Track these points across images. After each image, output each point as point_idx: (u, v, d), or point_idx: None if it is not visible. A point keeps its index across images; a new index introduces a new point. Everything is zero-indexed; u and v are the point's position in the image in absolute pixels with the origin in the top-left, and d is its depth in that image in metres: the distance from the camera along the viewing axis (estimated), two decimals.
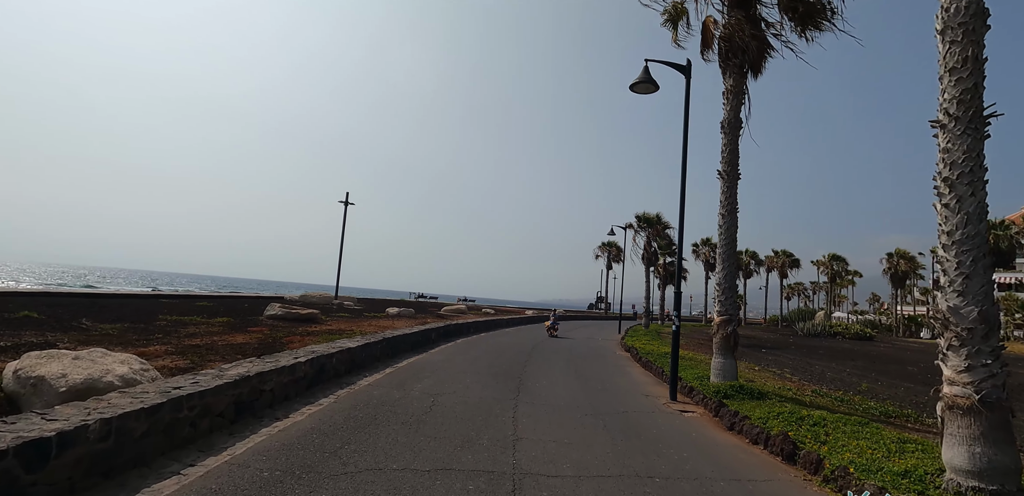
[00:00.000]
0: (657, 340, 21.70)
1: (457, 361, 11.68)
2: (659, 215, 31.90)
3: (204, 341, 10.58)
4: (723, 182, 10.31)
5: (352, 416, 6.09)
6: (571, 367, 12.25)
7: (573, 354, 15.28)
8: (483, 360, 12.17)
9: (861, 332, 41.48)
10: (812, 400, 9.43)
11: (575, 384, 9.75)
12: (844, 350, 27.70)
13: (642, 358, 14.26)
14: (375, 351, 10.32)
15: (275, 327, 14.23)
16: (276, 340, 11.46)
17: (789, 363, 18.20)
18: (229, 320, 15.02)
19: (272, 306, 17.19)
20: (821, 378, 15.10)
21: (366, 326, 16.54)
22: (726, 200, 10.24)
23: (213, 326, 13.33)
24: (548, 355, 14.48)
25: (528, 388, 8.89)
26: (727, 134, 10.32)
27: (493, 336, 20.29)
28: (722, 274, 10.17)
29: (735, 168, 10.30)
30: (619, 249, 60.49)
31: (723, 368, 9.77)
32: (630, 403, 8.29)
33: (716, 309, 10.14)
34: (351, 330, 14.76)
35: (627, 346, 18.29)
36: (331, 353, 8.05)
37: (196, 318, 14.62)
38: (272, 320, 16.21)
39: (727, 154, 10.30)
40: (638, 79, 9.40)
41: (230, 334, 12.08)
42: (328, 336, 12.53)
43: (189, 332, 11.91)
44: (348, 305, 27.52)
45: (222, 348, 9.74)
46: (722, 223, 10.23)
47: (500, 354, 13.71)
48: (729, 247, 10.17)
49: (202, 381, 5.06)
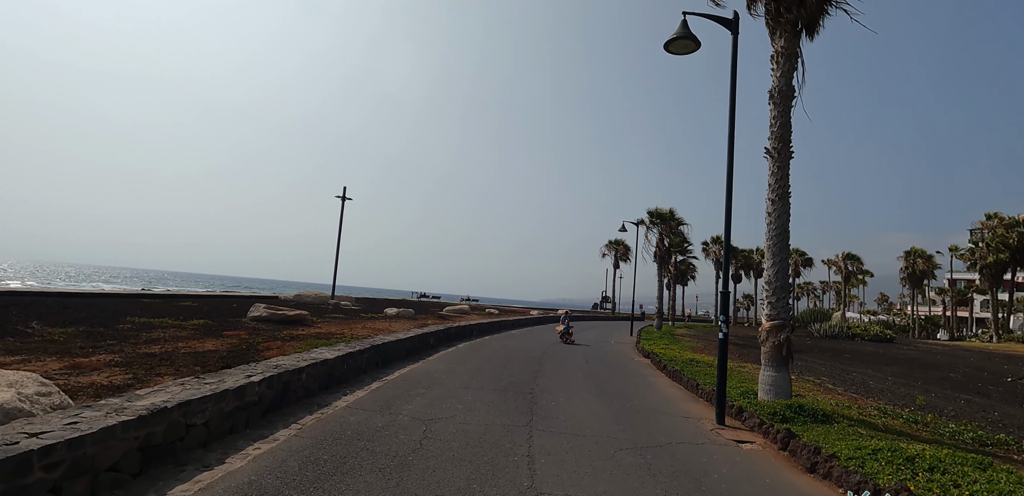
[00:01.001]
0: (675, 343, 20.07)
1: (458, 372, 10.10)
2: (672, 210, 30.21)
3: (164, 348, 9.09)
4: (772, 162, 8.69)
5: (312, 459, 4.51)
6: (589, 378, 10.65)
7: (589, 361, 13.67)
8: (488, 370, 10.58)
9: (881, 334, 39.71)
10: (885, 423, 7.81)
11: (598, 402, 8.15)
12: (870, 353, 25.99)
13: (666, 366, 12.65)
14: (360, 361, 8.75)
15: (256, 330, 12.70)
16: (251, 346, 9.97)
17: (821, 369, 16.54)
18: (205, 322, 13.50)
19: (256, 307, 15.65)
20: (866, 388, 13.45)
21: (359, 329, 15.00)
22: (776, 183, 8.62)
23: (184, 330, 11.81)
24: (561, 362, 12.88)
25: (544, 409, 7.29)
26: (777, 105, 8.69)
27: (498, 339, 18.70)
28: (772, 271, 8.54)
29: (787, 145, 8.67)
30: (627, 247, 58.84)
31: (775, 383, 8.16)
32: (671, 429, 6.68)
33: (765, 312, 8.51)
34: (341, 334, 13.23)
35: (645, 351, 16.67)
36: (299, 367, 6.47)
37: (167, 320, 13.10)
38: (255, 322, 14.68)
39: (777, 128, 8.67)
40: (675, 35, 7.78)
41: (200, 339, 10.56)
42: (313, 341, 11.02)
43: (152, 337, 10.40)
44: (345, 305, 26.00)
45: (182, 357, 8.25)
46: (771, 210, 8.60)
47: (507, 362, 12.11)
48: (780, 238, 8.55)
49: (84, 422, 3.48)
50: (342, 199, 31.49)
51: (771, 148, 8.70)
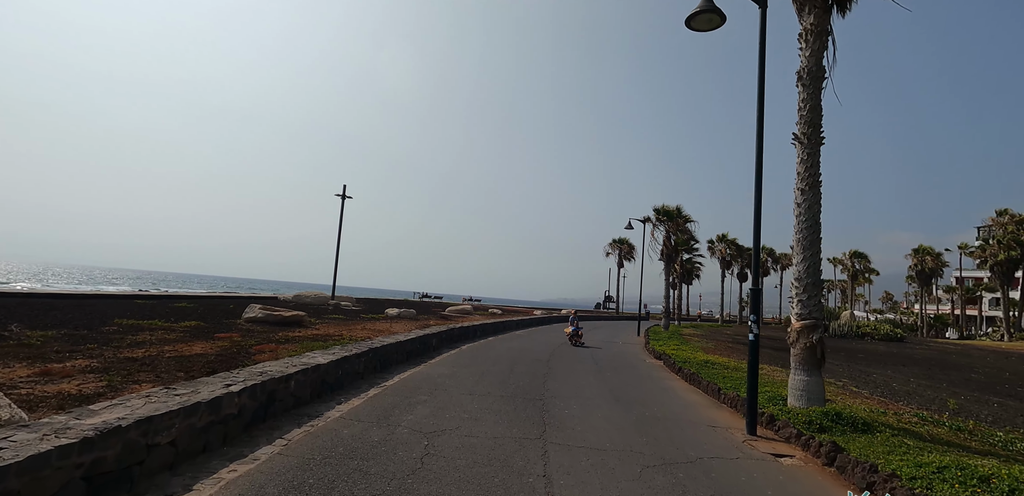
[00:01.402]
0: (686, 344, 19.41)
1: (462, 376, 9.46)
2: (679, 208, 29.52)
3: (148, 352, 8.50)
4: (802, 148, 8.03)
5: (296, 484, 3.87)
6: (601, 382, 10.00)
7: (599, 364, 13.01)
8: (494, 374, 9.93)
9: (891, 333, 38.92)
10: (929, 432, 7.15)
11: (615, 409, 7.49)
12: (884, 353, 25.29)
13: (681, 368, 11.98)
14: (357, 366, 8.11)
15: (250, 332, 12.10)
16: (242, 350, 9.37)
17: (840, 371, 15.85)
18: (198, 324, 12.90)
19: (251, 308, 15.03)
20: (892, 391, 12.78)
21: (358, 330, 14.38)
22: (806, 171, 7.95)
23: (173, 332, 11.21)
24: (570, 365, 12.23)
25: (557, 418, 6.64)
26: (806, 87, 8.03)
27: (503, 341, 18.06)
28: (802, 266, 7.88)
29: (817, 129, 8.01)
30: (631, 246, 58.14)
31: (807, 388, 7.49)
32: (700, 442, 6.03)
33: (795, 311, 7.85)
34: (339, 336, 12.63)
35: (657, 352, 16.00)
36: (288, 374, 5.83)
37: (157, 322, 12.50)
38: (250, 324, 14.07)
39: (806, 112, 8.01)
40: (698, 9, 7.13)
41: (188, 342, 9.96)
42: (309, 343, 10.42)
43: (137, 340, 9.81)
44: (346, 306, 25.41)
45: (166, 362, 7.66)
46: (800, 200, 7.94)
47: (514, 364, 11.47)
48: (811, 231, 7.89)
49: (11, 447, 2.85)
50: (342, 197, 30.91)
51: (800, 133, 8.04)
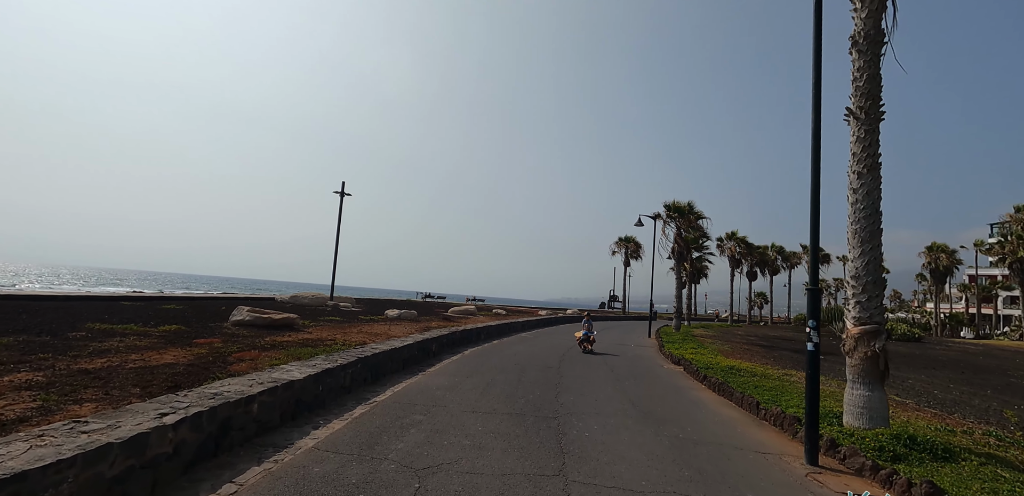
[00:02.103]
0: (702, 347, 18.26)
1: (464, 388, 8.36)
2: (691, 204, 28.31)
3: (109, 362, 7.47)
4: (857, 125, 6.89)
5: None
6: (621, 393, 8.89)
7: (615, 371, 11.89)
8: (500, 385, 8.83)
9: (908, 333, 37.60)
10: (1018, 457, 6.01)
11: (643, 431, 6.38)
12: (907, 355, 24.05)
13: (707, 376, 10.85)
14: (342, 379, 7.03)
15: (234, 337, 11.07)
16: (219, 358, 8.34)
17: None
18: (178, 328, 11.85)
19: (239, 310, 13.96)
20: (935, 399, 11.63)
21: (353, 334, 13.33)
22: (863, 151, 6.82)
23: (148, 337, 10.16)
24: (584, 373, 11.12)
25: (576, 443, 5.54)
26: (862, 53, 6.90)
27: (508, 344, 16.95)
28: (860, 262, 6.74)
29: (876, 102, 6.87)
30: (637, 245, 56.94)
31: (869, 405, 6.37)
32: (753, 475, 4.91)
33: (852, 314, 6.72)
34: (331, 340, 11.58)
35: (675, 357, 14.86)
36: (249, 395, 4.75)
37: (133, 327, 11.44)
38: (237, 327, 13.02)
39: (863, 82, 6.87)
40: None
41: (161, 349, 8.92)
42: (296, 350, 9.37)
43: (103, 348, 8.76)
44: (345, 307, 24.35)
45: (124, 375, 6.63)
46: (857, 186, 6.80)
47: (522, 373, 10.37)
48: (870, 221, 6.75)
49: None
50: (340, 195, 29.85)
51: (855, 107, 6.90)
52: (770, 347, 24.28)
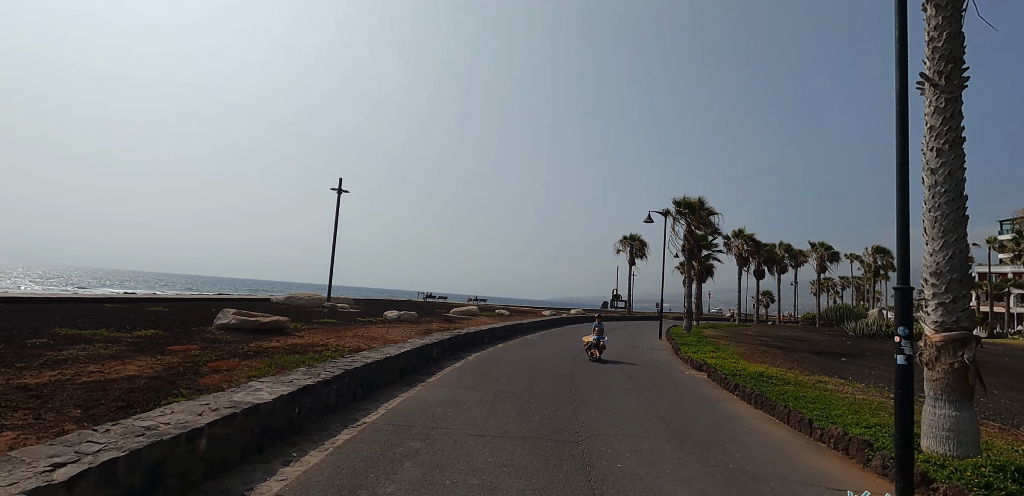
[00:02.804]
0: (720, 350, 17.15)
1: (468, 403, 7.28)
2: (701, 200, 27.18)
3: (63, 375, 6.50)
4: (934, 93, 5.80)
5: None
6: (647, 407, 7.80)
7: (633, 378, 10.80)
8: (509, 399, 7.74)
9: None
10: None
11: (686, 459, 5.29)
12: None
13: (738, 386, 9.75)
14: (325, 396, 5.95)
15: (216, 343, 10.03)
16: (190, 369, 7.32)
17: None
18: (155, 334, 10.78)
19: (224, 313, 12.89)
20: (985, 408, 10.54)
21: (348, 338, 12.27)
22: (942, 124, 5.73)
23: (117, 345, 9.12)
24: (601, 381, 10.04)
25: (609, 482, 4.44)
26: (942, 8, 5.81)
27: (514, 348, 15.87)
28: (942, 255, 5.64)
29: (958, 65, 5.78)
30: (643, 243, 55.85)
31: (957, 428, 5.29)
32: None
33: (932, 318, 5.63)
34: (323, 345, 10.54)
35: (695, 362, 13.76)
36: (195, 428, 3.67)
37: (104, 332, 10.36)
38: (222, 331, 11.96)
39: (943, 42, 5.78)
40: None
41: (128, 359, 7.89)
42: (282, 357, 8.35)
43: (60, 357, 7.71)
44: (342, 308, 23.28)
45: (72, 391, 5.67)
46: (936, 165, 5.71)
47: (532, 383, 9.29)
48: (952, 206, 5.65)
49: None
50: (338, 191, 28.77)
51: (933, 72, 5.81)
52: (787, 349, 23.17)
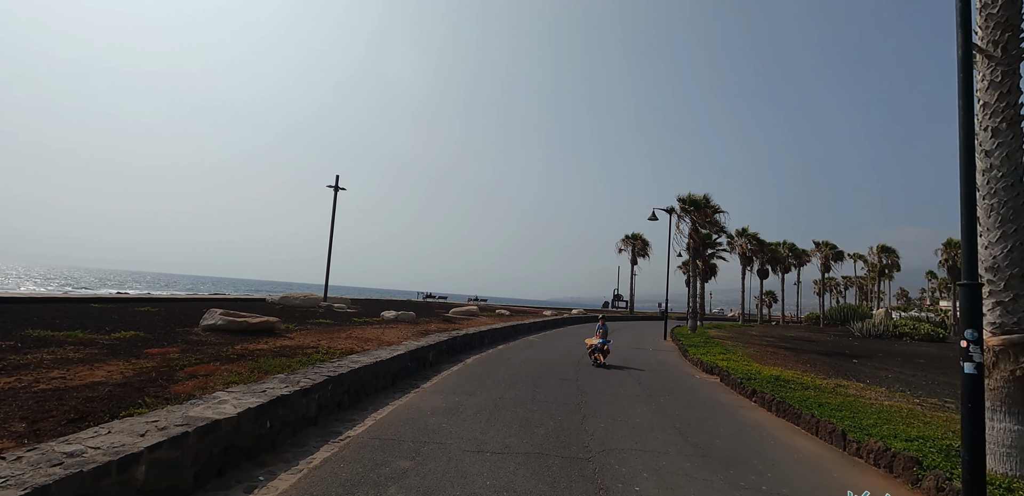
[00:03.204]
0: (729, 351, 16.50)
1: (466, 412, 6.63)
2: (707, 197, 26.49)
3: (21, 381, 5.97)
4: (990, 65, 5.15)
5: None
6: (661, 416, 7.14)
7: (642, 383, 10.14)
8: (509, 407, 7.09)
9: (933, 332, 35.83)
10: None
11: (711, 480, 4.63)
12: (944, 358, 22.23)
13: (756, 391, 9.09)
14: (304, 408, 5.31)
15: (198, 345, 9.41)
16: (165, 374, 6.74)
17: (923, 383, 12.86)
18: (135, 335, 10.17)
19: (211, 313, 12.27)
20: None
21: (341, 340, 11.65)
22: (998, 100, 5.08)
23: (90, 347, 8.50)
24: (608, 387, 9.38)
25: None
26: None
27: (515, 350, 15.22)
28: (1000, 248, 4.97)
29: (1016, 36, 5.12)
30: (645, 242, 55.21)
31: (1020, 444, 4.63)
32: None
33: (990, 319, 4.97)
34: (314, 347, 9.94)
35: (705, 364, 13.10)
36: (129, 455, 3.02)
37: (79, 334, 9.74)
38: (208, 333, 11.35)
39: (998, 10, 5.13)
40: None
41: (98, 363, 7.28)
42: (267, 361, 7.74)
43: (25, 361, 7.11)
44: (339, 308, 22.66)
45: (25, 400, 5.28)
46: (991, 146, 5.05)
47: (535, 389, 8.64)
48: (1012, 192, 4.98)
49: None
50: (335, 189, 28.15)
51: (987, 43, 5.16)
52: (796, 350, 22.51)
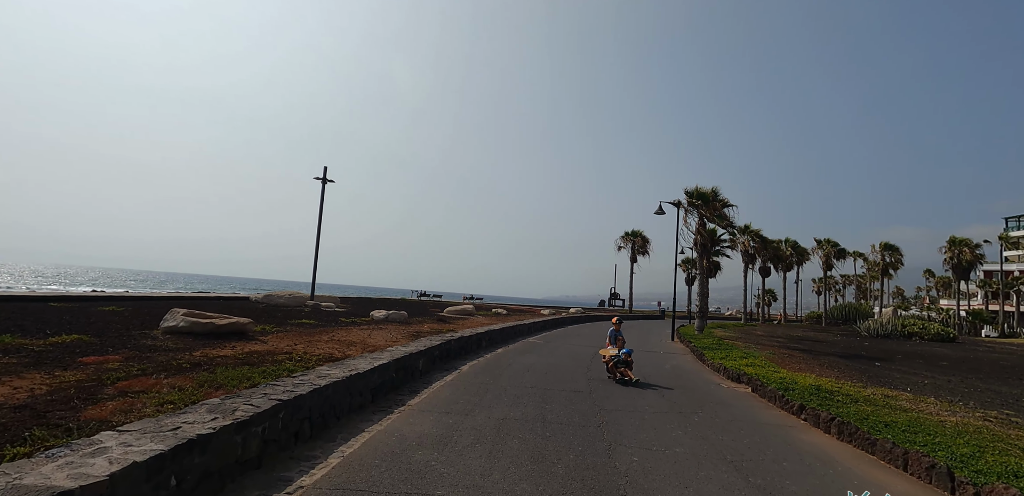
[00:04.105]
0: (748, 355, 15.17)
1: (461, 442, 5.24)
2: (715, 190, 25.14)
3: None
4: None
5: None
6: (705, 444, 5.78)
7: (666, 397, 8.75)
8: (515, 432, 5.71)
9: (943, 332, 34.75)
10: None
11: None
12: (962, 359, 20.95)
13: (803, 406, 7.76)
14: (238, 448, 3.88)
15: (149, 351, 7.96)
16: (87, 391, 5.42)
17: (947, 385, 11.44)
18: (79, 339, 8.72)
19: (173, 314, 10.77)
20: None
21: (322, 343, 10.26)
22: None
23: (15, 354, 7.07)
24: (629, 401, 8.01)
25: None
26: None
27: (516, 354, 13.83)
28: None
29: None
30: (645, 240, 53.96)
31: None
32: None
33: None
34: (289, 352, 8.58)
35: (730, 371, 11.71)
36: None
37: (6, 338, 8.24)
38: (168, 336, 9.90)
39: None
40: None
41: (12, 375, 5.92)
42: (225, 372, 6.38)
43: None
44: (326, 307, 21.20)
45: None
46: None
47: (544, 405, 7.25)
48: None
49: None
50: (323, 181, 26.63)
51: None
52: (810, 351, 21.23)
